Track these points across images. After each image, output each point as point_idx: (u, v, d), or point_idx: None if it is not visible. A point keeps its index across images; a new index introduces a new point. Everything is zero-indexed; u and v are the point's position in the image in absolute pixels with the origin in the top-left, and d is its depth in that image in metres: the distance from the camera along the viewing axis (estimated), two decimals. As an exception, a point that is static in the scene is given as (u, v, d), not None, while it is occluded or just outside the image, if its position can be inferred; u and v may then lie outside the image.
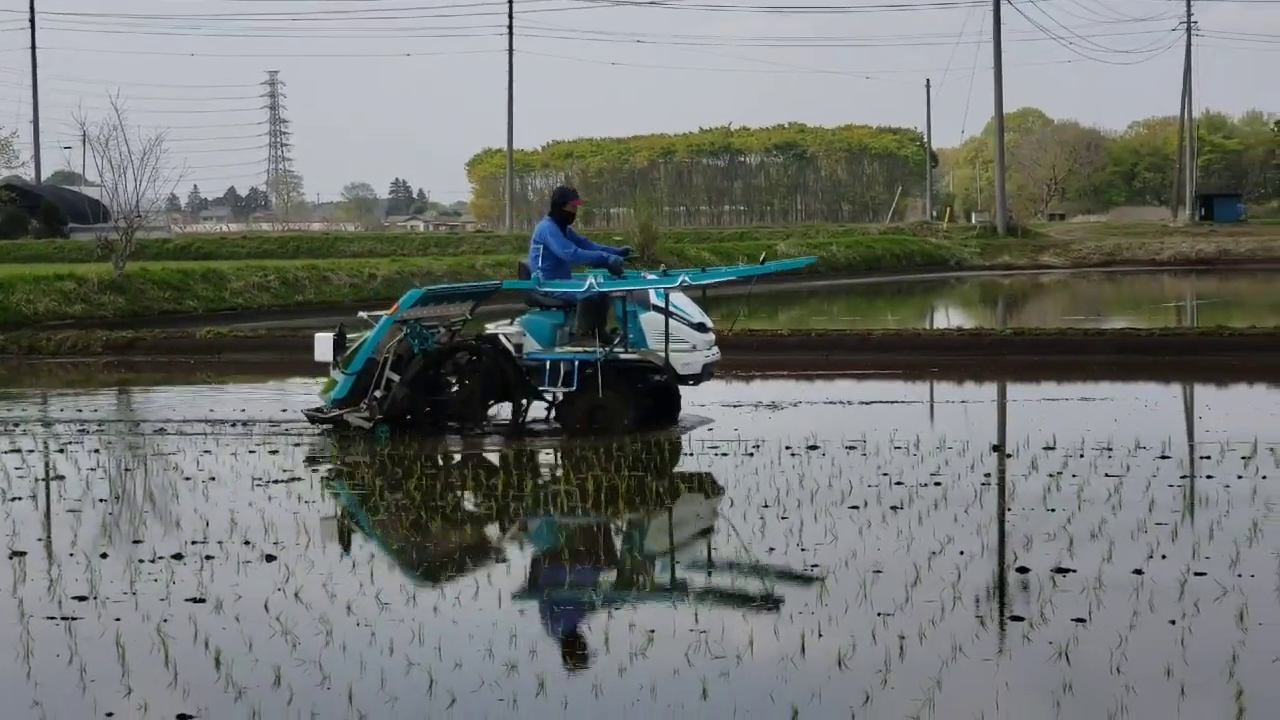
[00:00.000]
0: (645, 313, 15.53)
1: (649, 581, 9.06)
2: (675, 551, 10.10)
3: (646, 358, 15.46)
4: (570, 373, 15.49)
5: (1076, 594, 8.58)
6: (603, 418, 15.43)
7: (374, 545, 10.23)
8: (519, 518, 11.33)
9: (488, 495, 12.06)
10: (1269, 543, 9.71)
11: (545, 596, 8.77)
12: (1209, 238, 70.30)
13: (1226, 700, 6.63)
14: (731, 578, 9.17)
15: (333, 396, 15.89)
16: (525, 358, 15.69)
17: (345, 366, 15.81)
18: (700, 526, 11.04)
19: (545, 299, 15.98)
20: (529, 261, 16.19)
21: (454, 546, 10.20)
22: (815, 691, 6.89)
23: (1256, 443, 13.67)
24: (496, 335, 15.88)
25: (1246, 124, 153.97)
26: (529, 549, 10.37)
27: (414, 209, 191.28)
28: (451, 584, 9.07)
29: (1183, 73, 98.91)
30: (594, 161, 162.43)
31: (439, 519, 11.11)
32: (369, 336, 15.81)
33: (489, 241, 73.25)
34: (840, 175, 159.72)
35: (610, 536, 10.73)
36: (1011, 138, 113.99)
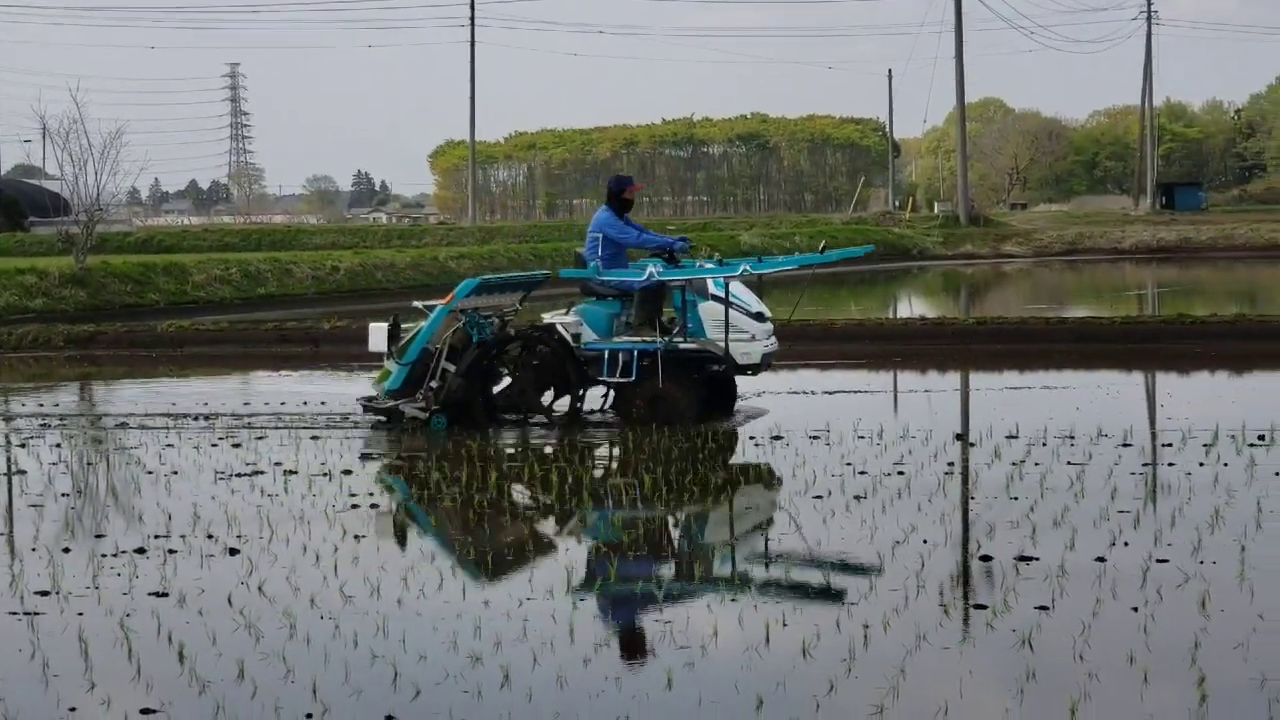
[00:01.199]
0: (704, 302, 15.35)
1: (613, 572, 9.05)
2: (641, 543, 10.09)
3: (706, 347, 15.29)
4: (629, 363, 15.33)
5: (1039, 582, 8.60)
6: (663, 408, 15.24)
7: (336, 538, 10.19)
8: (487, 510, 11.31)
9: (459, 485, 12.04)
10: (1230, 530, 9.76)
11: (508, 588, 8.75)
12: (1170, 226, 70.59)
13: (1189, 686, 6.66)
14: (696, 568, 9.16)
15: (387, 387, 15.73)
16: (583, 347, 15.52)
17: (400, 357, 15.65)
18: (664, 517, 11.02)
19: (602, 288, 15.82)
20: (585, 251, 16.02)
21: (419, 539, 10.18)
22: (780, 681, 6.90)
23: (1218, 430, 13.74)
24: (554, 325, 15.68)
25: (1207, 112, 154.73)
26: (494, 540, 10.34)
27: (376, 201, 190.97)
28: (414, 576, 9.05)
29: (1143, 62, 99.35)
30: (557, 153, 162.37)
31: (407, 512, 11.09)
32: (423, 326, 15.66)
33: (452, 233, 73.15)
34: (803, 165, 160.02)
35: (576, 527, 10.71)
36: (973, 127, 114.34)
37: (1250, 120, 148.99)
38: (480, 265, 44.61)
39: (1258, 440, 13.33)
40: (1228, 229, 67.22)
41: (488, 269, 44.07)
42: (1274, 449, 12.90)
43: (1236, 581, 8.50)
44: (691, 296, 15.35)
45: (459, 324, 15.63)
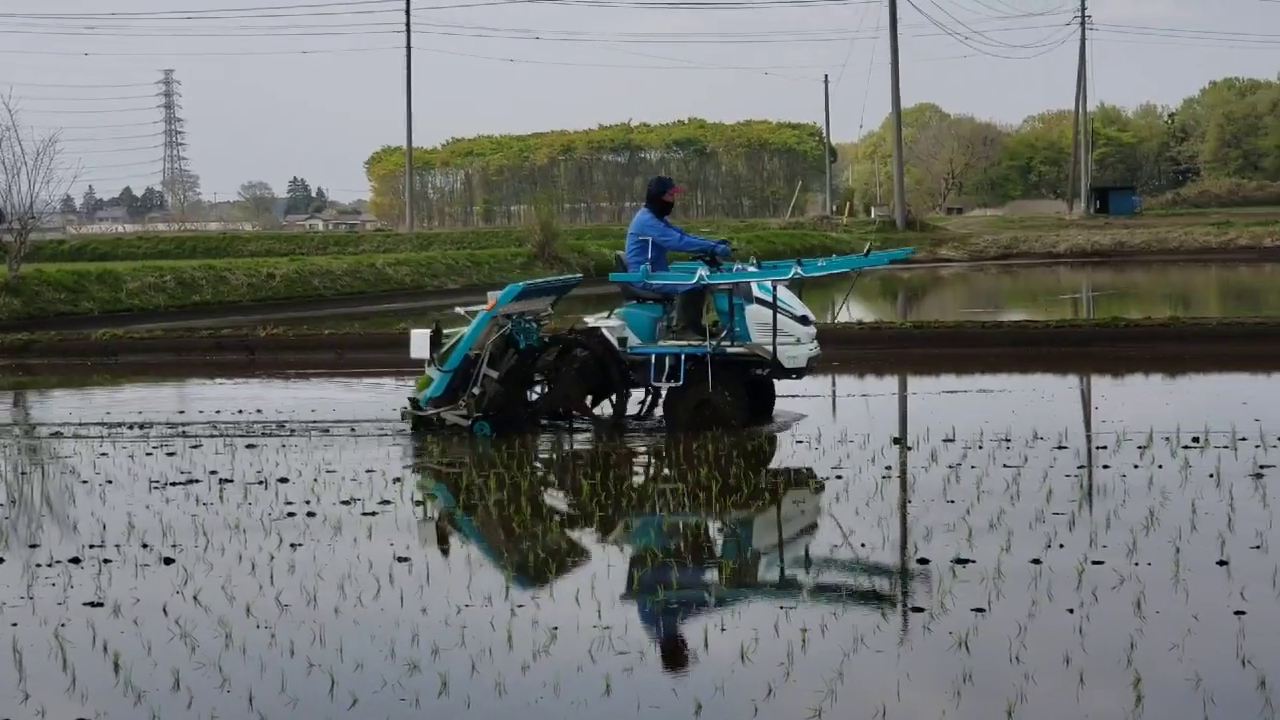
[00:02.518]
0: (749, 305, 15.23)
1: (553, 577, 9.04)
2: (583, 547, 10.08)
3: (754, 351, 15.15)
4: (676, 367, 15.21)
5: (976, 584, 8.64)
6: (710, 413, 15.13)
7: (273, 547, 10.15)
8: (428, 517, 11.28)
9: (400, 493, 12.01)
10: (1165, 531, 9.82)
11: (447, 595, 8.72)
12: (1104, 230, 71.08)
13: (1124, 687, 6.70)
14: (635, 574, 9.16)
15: (428, 394, 15.59)
16: (628, 352, 15.40)
17: (441, 364, 15.51)
18: (603, 522, 11.01)
19: (644, 291, 15.65)
20: (626, 254, 15.87)
21: (356, 547, 10.13)
22: (718, 685, 6.90)
23: (1152, 432, 13.84)
24: (598, 329, 15.52)
25: (1140, 117, 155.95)
26: (432, 547, 10.31)
27: (313, 208, 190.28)
28: (351, 584, 9.01)
29: (1077, 67, 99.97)
30: (494, 159, 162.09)
31: (348, 520, 11.04)
32: (465, 333, 15.55)
33: (389, 240, 72.99)
34: (740, 171, 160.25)
35: (515, 534, 10.69)
36: (909, 132, 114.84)
37: (1183, 124, 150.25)
38: (418, 272, 44.49)
39: (1192, 442, 13.43)
40: (1161, 232, 67.71)
41: (426, 275, 44.00)
42: (1208, 451, 13.00)
43: (1171, 583, 8.56)
44: (737, 300, 15.24)
45: (503, 330, 15.53)
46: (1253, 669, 6.88)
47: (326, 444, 14.95)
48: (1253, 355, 21.19)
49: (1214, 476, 11.73)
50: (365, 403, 18.56)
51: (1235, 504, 10.60)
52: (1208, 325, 23.17)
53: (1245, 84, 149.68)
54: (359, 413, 17.20)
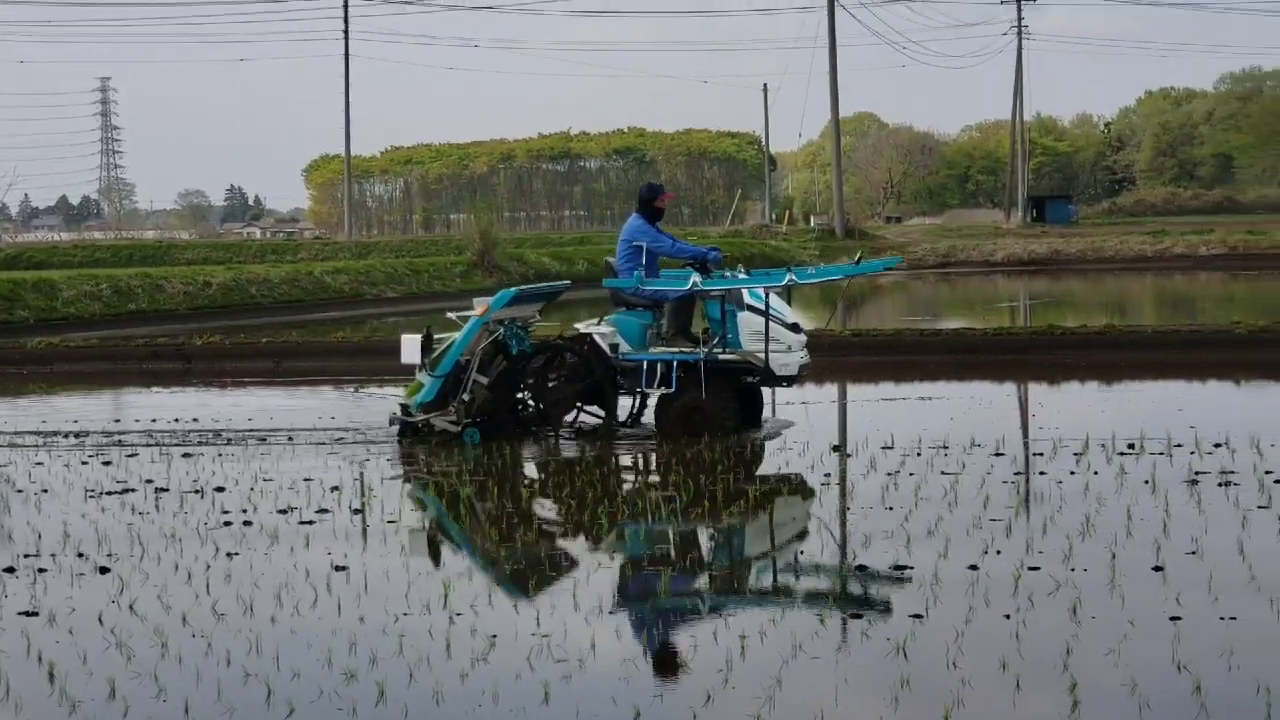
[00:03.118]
0: (741, 312, 15.14)
1: (492, 585, 9.02)
2: (518, 554, 10.06)
3: (746, 358, 15.11)
4: (668, 374, 15.15)
5: (914, 590, 8.67)
6: (702, 420, 15.09)
7: (210, 556, 10.09)
8: (367, 525, 11.23)
9: (338, 500, 11.95)
10: (1101, 537, 9.88)
11: (384, 604, 8.69)
12: (1041, 239, 71.46)
13: (1061, 692, 6.73)
14: (573, 581, 9.15)
15: (419, 400, 15.45)
16: (620, 358, 15.33)
17: (433, 369, 15.40)
18: (542, 528, 11.00)
19: (634, 298, 15.57)
20: (617, 260, 15.79)
21: (293, 556, 10.08)
22: (658, 693, 6.91)
23: (1088, 439, 13.92)
24: (590, 335, 15.45)
25: (1077, 126, 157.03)
26: (370, 556, 10.26)
27: (250, 216, 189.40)
28: (288, 593, 8.97)
29: (1014, 77, 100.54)
30: (433, 167, 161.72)
31: (285, 529, 10.98)
32: (457, 338, 15.45)
33: (328, 248, 72.71)
34: (680, 179, 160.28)
35: (455, 542, 10.65)
36: (848, 141, 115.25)
37: (1119, 134, 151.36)
38: (357, 280, 44.35)
39: (1127, 449, 13.52)
40: (1097, 241, 68.13)
41: (364, 284, 43.86)
42: (1143, 458, 13.08)
43: (1107, 588, 8.60)
44: (730, 307, 15.18)
45: (494, 335, 15.46)
46: (1188, 674, 6.92)
47: (264, 453, 14.88)
48: (1187, 362, 21.36)
49: (1149, 483, 11.81)
50: (303, 410, 18.46)
51: (1171, 510, 10.67)
52: (1143, 333, 23.35)
53: (1181, 93, 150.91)
54: (296, 421, 17.12)
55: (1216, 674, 6.93)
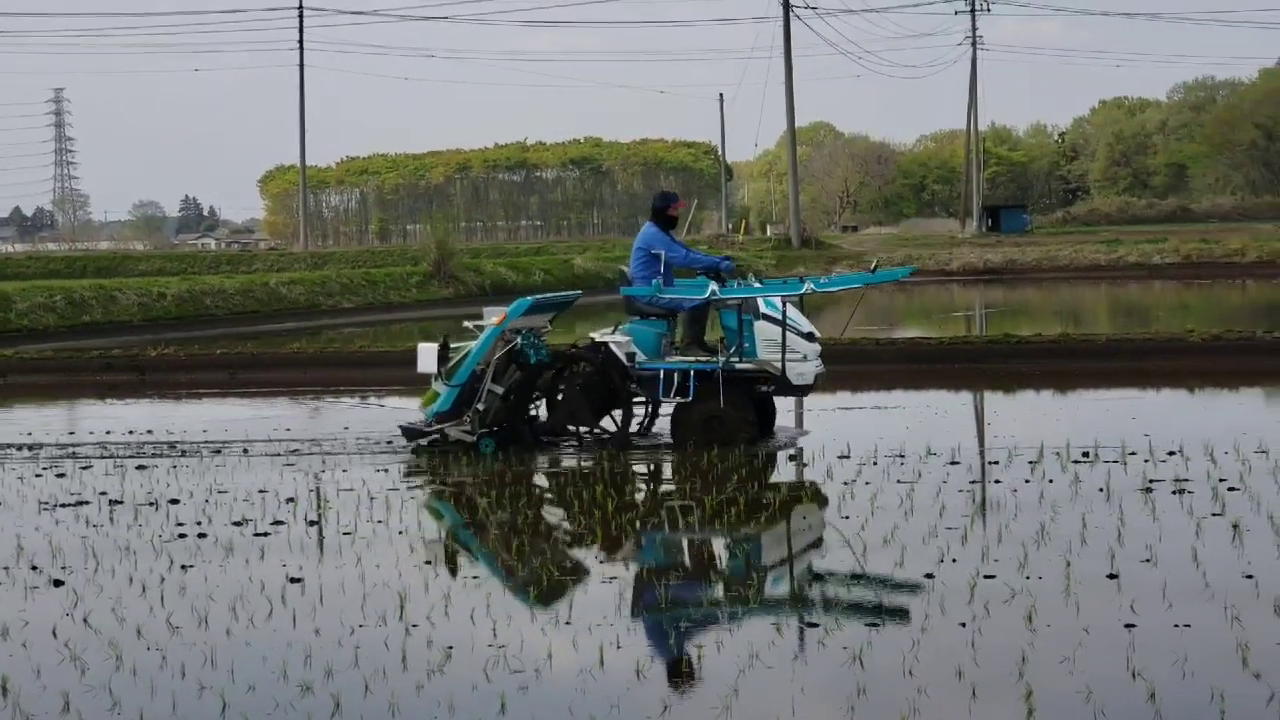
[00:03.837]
0: (757, 321, 15.07)
1: (447, 597, 8.99)
2: (474, 565, 10.03)
3: (763, 367, 15.06)
4: (685, 383, 15.08)
5: (869, 601, 8.69)
6: (720, 429, 15.02)
7: (164, 568, 10.04)
8: (322, 537, 11.19)
9: (293, 512, 11.91)
10: (1056, 545, 9.92)
11: (340, 616, 8.66)
12: (996, 248, 71.69)
13: (1016, 700, 6.75)
14: (531, 592, 9.13)
15: (434, 410, 15.36)
16: (637, 367, 15.25)
17: (449, 379, 15.31)
18: (491, 540, 10.97)
19: (649, 307, 15.48)
20: (631, 268, 15.73)
21: (248, 568, 10.04)
22: (614, 703, 6.90)
23: (1042, 447, 13.97)
24: (606, 344, 15.34)
25: (1031, 136, 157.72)
26: (325, 568, 10.22)
27: (205, 227, 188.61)
28: (243, 606, 8.93)
29: (969, 86, 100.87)
30: (389, 178, 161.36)
31: (240, 541, 10.93)
32: (474, 348, 15.35)
33: (283, 259, 72.51)
34: (636, 189, 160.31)
35: (409, 553, 10.61)
36: (804, 151, 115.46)
37: (1073, 143, 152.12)
38: (312, 291, 44.19)
39: (1082, 457, 13.58)
40: (1052, 250, 68.41)
41: (320, 295, 43.72)
42: (1098, 466, 13.14)
43: (1062, 596, 8.63)
44: (746, 316, 15.10)
45: (510, 345, 15.39)
46: (1143, 681, 6.95)
47: (218, 465, 14.81)
48: (1142, 371, 21.46)
49: (1104, 491, 11.87)
50: (258, 421, 18.39)
51: (1125, 518, 10.71)
52: (1098, 342, 23.44)
53: (1134, 103, 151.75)
54: (251, 432, 17.05)
55: (1171, 681, 6.96)
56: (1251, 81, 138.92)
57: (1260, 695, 6.72)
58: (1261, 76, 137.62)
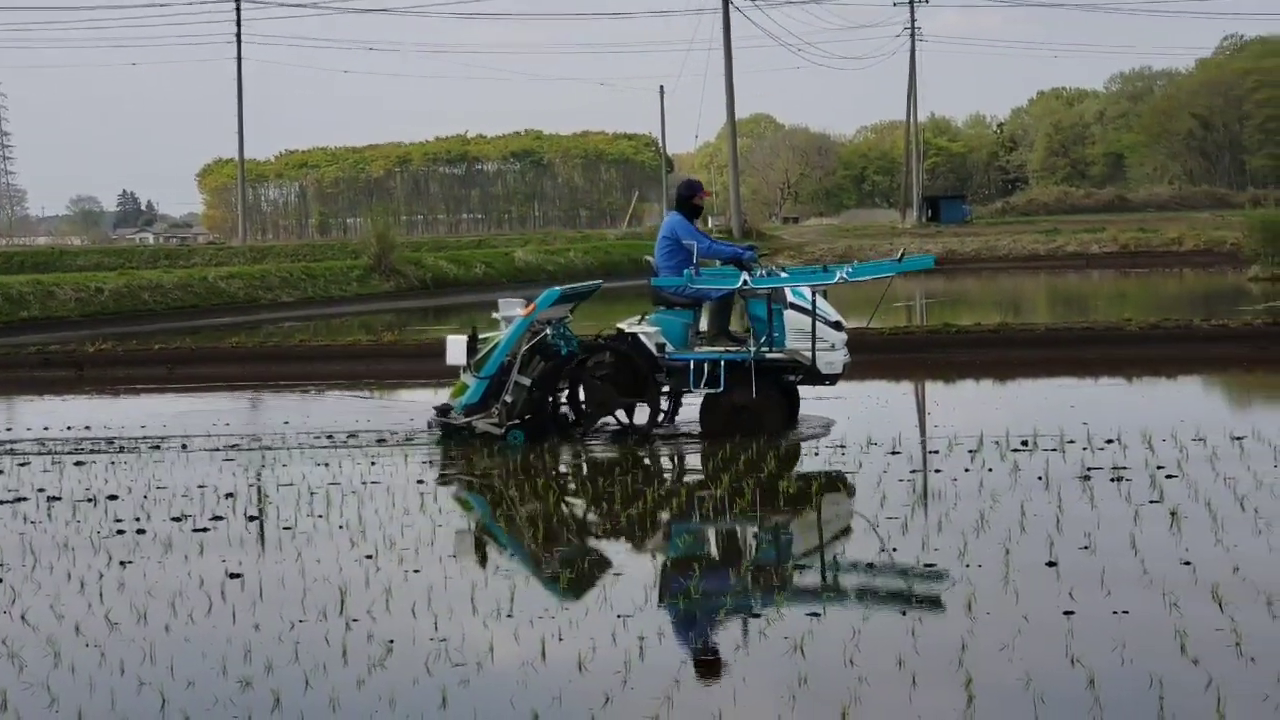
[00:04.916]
0: (786, 311, 15.01)
1: (388, 591, 8.96)
2: (415, 560, 9.99)
3: (793, 357, 14.99)
4: (715, 373, 15.00)
5: (811, 590, 8.71)
6: (749, 419, 14.97)
7: (103, 565, 9.97)
8: (263, 532, 11.14)
9: (233, 505, 11.85)
10: (995, 534, 9.96)
11: (280, 611, 8.62)
12: (936, 238, 72.02)
13: (956, 688, 6.77)
14: (471, 584, 9.11)
15: (464, 402, 15.25)
16: (667, 358, 15.16)
17: (478, 370, 15.23)
18: (444, 534, 10.93)
19: (675, 297, 15.39)
20: (656, 258, 15.66)
21: (187, 564, 9.98)
22: (556, 695, 6.89)
23: (982, 437, 14.04)
24: (635, 335, 15.24)
25: (970, 127, 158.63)
26: (265, 563, 10.16)
27: (143, 221, 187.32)
28: (182, 602, 8.88)
29: (908, 78, 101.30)
30: (329, 171, 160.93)
31: (179, 537, 10.87)
32: (502, 339, 15.24)
33: (222, 253, 72.14)
34: (578, 181, 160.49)
35: (348, 547, 10.57)
36: (744, 143, 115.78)
37: (1012, 134, 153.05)
38: (251, 285, 43.97)
39: (1021, 446, 13.65)
40: (991, 240, 68.82)
41: (259, 289, 43.50)
42: (1037, 454, 13.21)
43: (1001, 584, 8.67)
44: (776, 305, 15.04)
45: (539, 335, 15.31)
46: (1082, 668, 6.99)
47: (157, 460, 14.72)
48: (1080, 359, 21.60)
49: (1043, 479, 11.93)
50: (197, 414, 18.30)
51: (1064, 506, 10.77)
52: (1036, 331, 23.57)
53: (1072, 94, 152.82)
54: (190, 428, 16.96)
55: (1110, 668, 7.00)
56: (1188, 72, 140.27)
57: (1198, 681, 6.77)
58: (1198, 67, 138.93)
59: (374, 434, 16.04)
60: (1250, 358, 21.43)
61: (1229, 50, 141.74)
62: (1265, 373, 20.53)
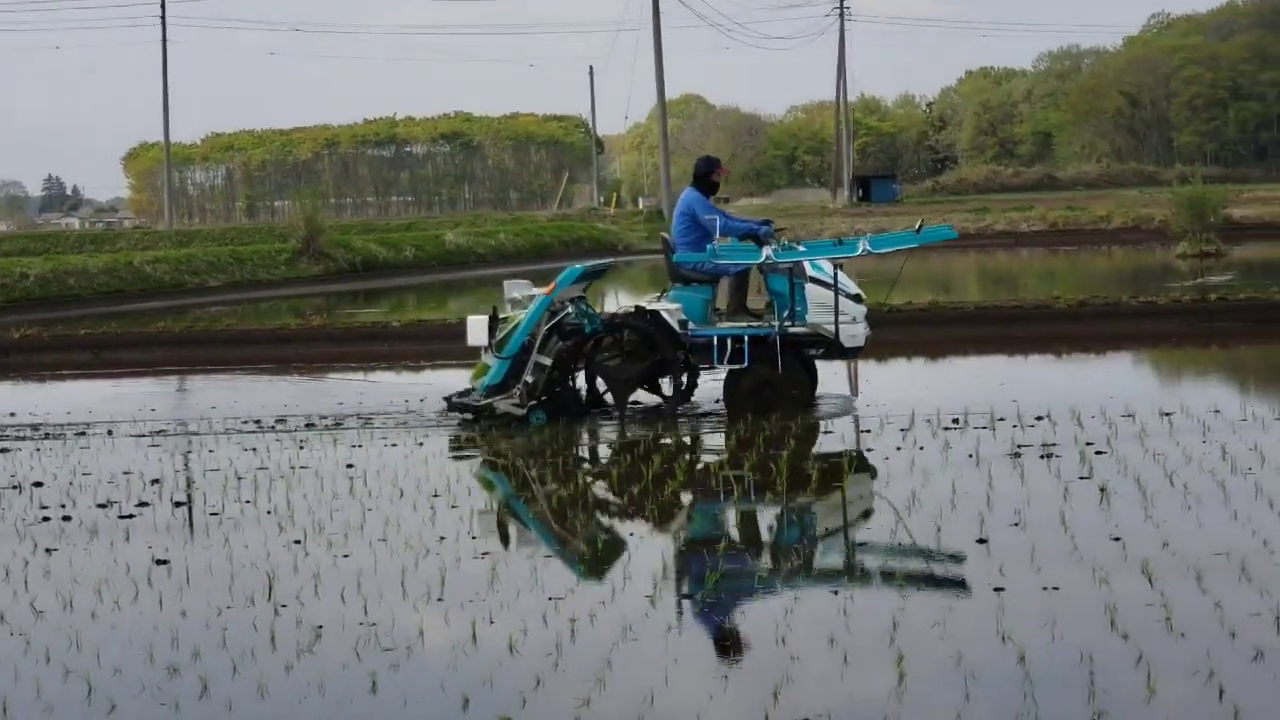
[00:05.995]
0: (807, 285, 14.85)
1: (317, 576, 8.89)
2: (344, 544, 9.92)
3: (816, 330, 14.85)
4: (740, 349, 14.87)
5: (743, 569, 8.69)
6: (772, 395, 14.84)
7: (28, 552, 9.85)
8: (189, 518, 11.04)
9: (159, 494, 11.74)
10: (926, 511, 9.97)
11: (208, 597, 8.53)
12: (866, 218, 72.19)
13: (888, 666, 6.77)
14: (401, 568, 9.04)
15: (485, 383, 15.06)
16: (690, 335, 15.01)
17: (499, 350, 15.04)
18: (372, 518, 10.85)
19: (692, 273, 15.23)
20: (674, 234, 15.47)
21: (113, 551, 9.88)
22: (486, 678, 6.85)
23: (913, 415, 14.08)
24: (657, 311, 15.06)
25: (900, 106, 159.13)
26: (193, 550, 10.06)
27: (69, 206, 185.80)
28: (108, 589, 8.78)
29: (837, 57, 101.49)
30: (256, 154, 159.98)
31: (105, 524, 10.76)
32: (523, 318, 15.07)
33: (148, 238, 71.55)
34: (507, 163, 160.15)
35: (277, 532, 10.49)
36: (675, 124, 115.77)
37: (941, 113, 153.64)
38: (178, 270, 43.59)
39: (952, 424, 13.69)
40: (921, 219, 69.08)
41: (186, 273, 43.16)
42: (967, 432, 13.26)
43: (933, 562, 8.68)
44: (798, 280, 14.88)
45: (562, 314, 15.15)
46: (1012, 644, 7.00)
47: (83, 446, 14.57)
48: (1009, 337, 21.69)
49: (973, 457, 11.97)
50: (123, 400, 18.13)
51: (994, 483, 10.80)
52: (966, 309, 23.65)
53: (1000, 73, 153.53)
54: (116, 413, 16.80)
55: (1040, 643, 7.02)
56: (1116, 49, 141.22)
57: (1128, 656, 6.79)
58: (1126, 44, 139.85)
59: (302, 418, 15.94)
60: (1178, 334, 21.57)
61: (1156, 28, 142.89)
62: (1193, 348, 20.68)
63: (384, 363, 22.16)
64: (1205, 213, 42.27)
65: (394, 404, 16.75)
